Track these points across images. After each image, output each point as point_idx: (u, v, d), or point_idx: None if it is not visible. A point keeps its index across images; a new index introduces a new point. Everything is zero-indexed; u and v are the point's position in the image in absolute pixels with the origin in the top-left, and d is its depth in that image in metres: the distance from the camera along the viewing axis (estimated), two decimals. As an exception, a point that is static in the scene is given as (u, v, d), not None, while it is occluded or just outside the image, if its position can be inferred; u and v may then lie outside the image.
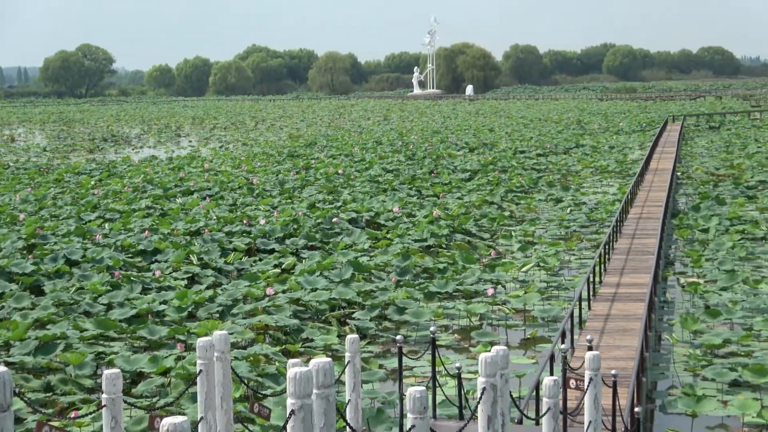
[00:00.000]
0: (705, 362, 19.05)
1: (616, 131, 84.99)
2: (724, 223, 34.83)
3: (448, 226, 33.91)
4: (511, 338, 21.75)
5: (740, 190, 44.62)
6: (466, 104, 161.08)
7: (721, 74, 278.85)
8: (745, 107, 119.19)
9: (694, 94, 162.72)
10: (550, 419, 10.56)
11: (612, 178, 52.48)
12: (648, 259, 25.86)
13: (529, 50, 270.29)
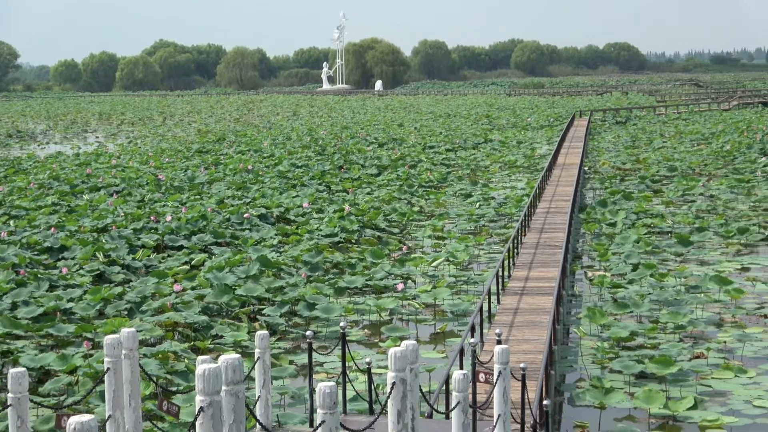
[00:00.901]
0: (612, 355, 19.29)
1: (524, 126, 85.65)
2: (630, 217, 35.28)
3: (358, 222, 33.93)
4: (420, 333, 21.82)
5: (646, 185, 45.23)
6: (375, 99, 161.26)
7: (627, 70, 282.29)
8: (650, 102, 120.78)
9: (601, 90, 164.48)
10: (460, 413, 10.59)
11: (520, 173, 52.89)
12: (556, 253, 26.11)
13: (437, 46, 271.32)
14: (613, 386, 16.88)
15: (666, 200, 40.42)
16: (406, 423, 9.90)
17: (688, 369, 18.25)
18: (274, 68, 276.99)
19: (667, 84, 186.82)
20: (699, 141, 66.38)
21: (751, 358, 19.30)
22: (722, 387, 17.53)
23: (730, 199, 40.38)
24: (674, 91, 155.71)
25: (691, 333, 21.11)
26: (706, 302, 23.54)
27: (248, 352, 19.22)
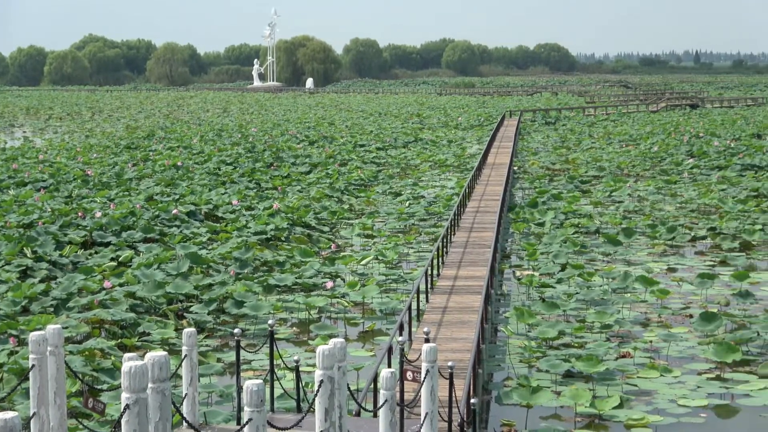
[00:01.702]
0: (540, 354, 19.41)
1: (455, 126, 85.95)
2: (559, 217, 35.54)
3: (288, 219, 33.85)
4: (349, 331, 21.82)
5: (575, 185, 45.58)
6: (306, 97, 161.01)
7: (557, 71, 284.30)
8: (580, 103, 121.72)
9: (531, 90, 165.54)
10: (387, 411, 10.61)
11: (450, 172, 53.07)
12: (485, 252, 26.23)
13: (369, 44, 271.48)
14: (540, 385, 16.98)
15: (594, 200, 40.76)
16: (334, 421, 9.91)
17: (615, 368, 18.43)
18: (204, 64, 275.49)
19: (597, 85, 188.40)
20: (627, 142, 66.98)
21: (676, 358, 19.52)
22: (648, 386, 17.71)
23: (658, 200, 40.80)
24: (603, 92, 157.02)
25: (618, 332, 21.31)
26: (633, 302, 23.78)
27: (176, 350, 19.11)
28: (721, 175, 47.85)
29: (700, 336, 20.83)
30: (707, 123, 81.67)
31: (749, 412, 16.52)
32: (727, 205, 37.63)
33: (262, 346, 14.63)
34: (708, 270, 27.36)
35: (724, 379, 18.10)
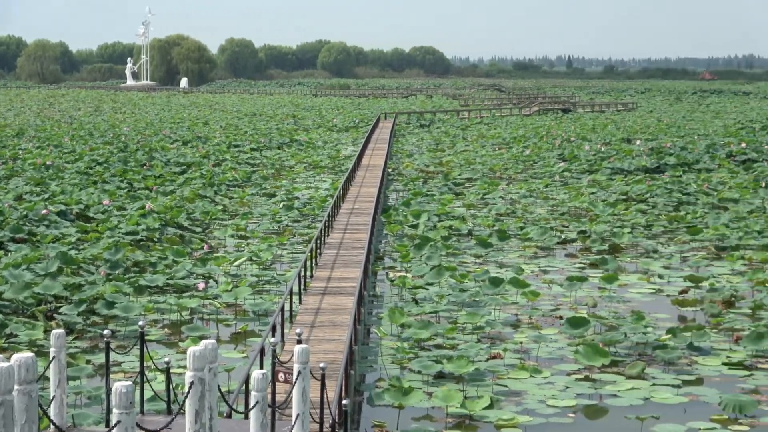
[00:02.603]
0: (412, 355, 19.52)
1: (330, 127, 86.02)
2: (432, 219, 35.77)
3: (160, 220, 33.51)
4: (222, 332, 21.69)
5: (448, 187, 45.94)
6: (180, 97, 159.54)
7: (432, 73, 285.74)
8: (454, 106, 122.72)
9: (406, 93, 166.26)
10: (259, 412, 10.57)
11: (325, 173, 53.10)
12: (359, 253, 26.30)
13: (244, 44, 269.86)
14: (412, 386, 17.07)
15: (467, 203, 41.14)
16: (204, 423, 9.84)
17: (485, 369, 18.62)
18: (77, 62, 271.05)
19: (471, 88, 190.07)
20: (500, 145, 67.77)
21: (545, 359, 19.80)
22: (518, 387, 17.93)
23: (529, 203, 41.33)
24: (477, 95, 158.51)
25: (489, 334, 21.54)
26: (504, 304, 24.06)
27: (44, 351, 18.79)
28: (591, 179, 48.68)
29: (569, 337, 21.15)
30: (579, 127, 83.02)
31: (617, 413, 16.83)
32: (597, 208, 38.29)
33: (132, 348, 14.48)
34: (578, 272, 27.80)
35: (592, 380, 18.41)
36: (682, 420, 16.41)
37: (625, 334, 20.80)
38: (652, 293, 25.83)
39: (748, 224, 34.54)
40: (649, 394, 17.60)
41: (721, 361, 19.59)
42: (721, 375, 18.83)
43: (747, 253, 30.55)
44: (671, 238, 33.53)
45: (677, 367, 19.28)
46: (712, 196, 41.97)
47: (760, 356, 19.92)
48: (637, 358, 19.86)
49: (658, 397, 17.46)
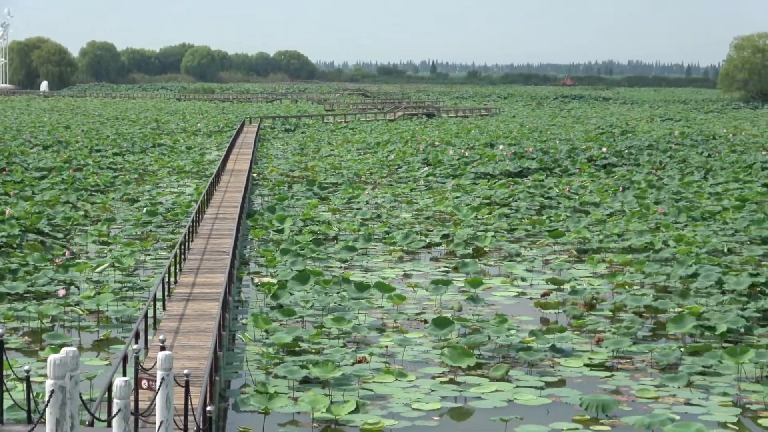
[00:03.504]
0: (277, 360, 19.44)
1: (194, 132, 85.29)
2: (298, 224, 35.71)
3: (20, 226, 32.83)
4: (84, 340, 21.34)
5: (314, 192, 45.91)
6: (40, 100, 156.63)
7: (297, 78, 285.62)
8: (319, 111, 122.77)
9: (271, 97, 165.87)
10: (121, 420, 10.42)
11: (189, 178, 52.66)
12: (223, 259, 26.12)
13: (106, 47, 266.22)
14: (278, 391, 17.02)
15: (333, 207, 41.18)
16: (65, 431, 9.66)
17: (351, 373, 18.64)
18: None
19: (336, 93, 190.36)
20: (365, 150, 67.99)
21: (411, 362, 19.89)
22: (383, 390, 17.99)
23: (394, 207, 41.52)
24: (342, 100, 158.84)
25: (355, 338, 21.57)
26: (369, 308, 24.12)
27: None
28: (455, 183, 49.11)
29: (434, 340, 21.30)
30: (443, 132, 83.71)
31: (481, 415, 16.99)
32: (461, 212, 38.64)
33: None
34: (442, 276, 28.01)
35: (457, 383, 18.55)
36: (545, 421, 16.63)
37: (489, 337, 21.02)
38: (515, 296, 26.16)
39: (608, 227, 35.21)
40: (512, 396, 17.81)
41: (582, 363, 19.91)
42: (583, 376, 19.14)
43: (607, 255, 31.13)
44: (534, 242, 34.02)
45: (540, 368, 19.55)
46: (574, 200, 42.71)
47: (620, 357, 20.30)
48: (500, 360, 20.08)
49: (521, 399, 17.67)
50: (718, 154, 62.14)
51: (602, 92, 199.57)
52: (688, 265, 27.60)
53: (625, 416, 16.73)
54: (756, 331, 21.97)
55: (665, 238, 32.75)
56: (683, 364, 19.60)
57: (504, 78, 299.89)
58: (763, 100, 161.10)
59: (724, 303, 24.44)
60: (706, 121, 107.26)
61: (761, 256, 30.84)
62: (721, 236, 33.68)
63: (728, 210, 38.99)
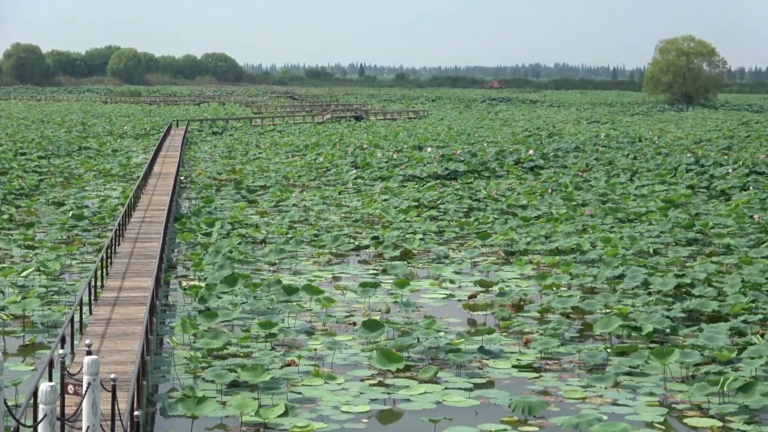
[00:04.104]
0: (205, 364, 19.34)
1: (121, 135, 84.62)
2: (226, 227, 35.55)
3: (-57, 230, 32.37)
4: (9, 345, 21.09)
5: (242, 195, 45.73)
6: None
7: (224, 80, 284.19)
8: (247, 113, 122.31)
9: (199, 100, 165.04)
10: (47, 426, 10.31)
11: (115, 181, 52.23)
12: (150, 262, 25.93)
13: (31, 50, 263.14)
14: (206, 395, 16.92)
15: (261, 210, 41.04)
16: (-11, 439, 9.53)
17: (280, 377, 18.58)
18: None
19: (264, 96, 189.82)
20: (293, 153, 67.84)
21: (340, 365, 19.89)
22: (312, 393, 17.96)
23: (323, 210, 41.48)
24: (270, 103, 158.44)
25: (283, 341, 21.51)
26: (298, 311, 24.06)
27: None
28: (384, 186, 49.17)
29: (363, 343, 21.31)
30: (371, 135, 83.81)
31: (410, 417, 17.03)
32: (389, 215, 38.71)
33: None
34: (371, 278, 28.03)
35: (386, 385, 18.57)
36: (473, 422, 16.71)
37: (417, 339, 21.07)
38: (443, 298, 26.24)
39: (535, 229, 35.44)
40: (441, 398, 17.87)
41: (511, 364, 20.02)
42: (511, 377, 19.24)
43: (535, 257, 31.32)
44: (462, 244, 34.14)
45: (469, 370, 19.62)
46: (501, 202, 42.94)
47: (548, 358, 20.44)
48: (429, 362, 20.13)
49: (450, 401, 17.73)
50: (643, 156, 62.79)
51: (529, 95, 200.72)
52: (615, 267, 27.86)
53: (552, 417, 16.85)
54: (681, 331, 22.24)
55: (592, 240, 33.04)
56: (610, 364, 19.79)
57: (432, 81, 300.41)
58: (688, 102, 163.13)
59: (650, 304, 24.71)
60: (632, 123, 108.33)
61: (686, 257, 31.22)
62: (647, 238, 34.03)
63: (654, 212, 39.44)
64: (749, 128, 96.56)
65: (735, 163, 55.67)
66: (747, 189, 48.08)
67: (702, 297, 24.72)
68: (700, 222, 36.38)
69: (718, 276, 27.64)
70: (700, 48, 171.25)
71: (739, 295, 24.69)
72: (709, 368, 18.94)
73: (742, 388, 17.42)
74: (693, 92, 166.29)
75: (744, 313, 23.38)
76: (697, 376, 19.04)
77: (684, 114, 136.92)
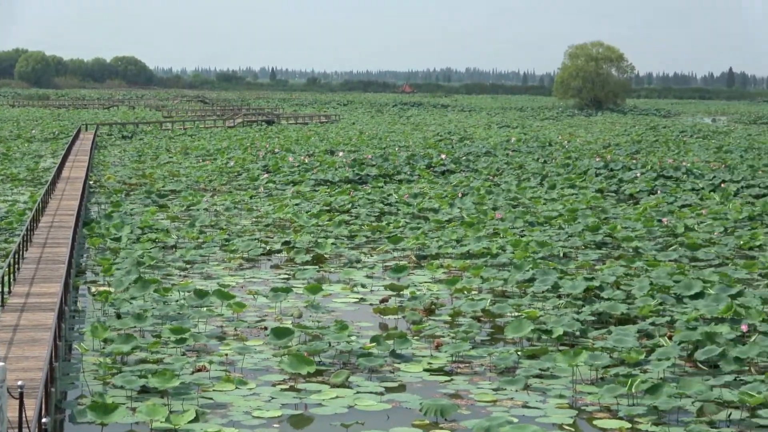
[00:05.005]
0: (115, 370, 19.15)
1: (29, 139, 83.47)
2: (135, 232, 35.21)
3: None
4: None
5: (152, 199, 45.34)
6: None
7: (134, 84, 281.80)
8: (157, 118, 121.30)
9: (108, 103, 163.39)
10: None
11: (23, 186, 51.51)
12: (59, 268, 25.61)
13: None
14: (116, 402, 16.74)
15: (171, 215, 40.71)
16: None
17: (191, 382, 18.47)
18: None
19: (174, 100, 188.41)
20: (204, 157, 67.44)
21: (251, 370, 19.81)
22: (223, 399, 17.87)
23: (234, 215, 41.27)
24: (181, 107, 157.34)
25: (194, 347, 21.36)
26: (209, 316, 23.92)
27: None
28: (295, 190, 49.08)
29: (274, 348, 21.24)
30: (283, 139, 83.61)
31: (322, 421, 17.02)
32: (301, 219, 38.62)
33: None
34: (282, 283, 27.95)
35: (297, 390, 18.54)
36: (385, 426, 16.74)
37: (329, 343, 21.05)
38: (355, 302, 26.25)
39: (446, 233, 35.58)
40: (353, 402, 17.87)
41: (422, 368, 20.09)
42: (423, 381, 19.31)
43: (446, 261, 31.47)
44: (374, 248, 34.18)
45: (380, 374, 19.65)
46: (413, 207, 43.06)
47: (459, 361, 20.54)
48: (341, 366, 20.13)
49: (362, 405, 17.75)
50: (553, 160, 63.42)
51: (441, 99, 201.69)
52: (525, 270, 28.07)
53: (464, 420, 16.94)
54: (590, 333, 22.48)
55: (503, 244, 33.26)
56: (520, 367, 19.94)
57: (344, 85, 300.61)
58: (597, 107, 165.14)
59: (560, 307, 24.95)
60: (542, 128, 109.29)
61: (595, 260, 31.59)
62: (556, 241, 34.34)
63: (563, 215, 39.82)
64: (657, 133, 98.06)
65: (643, 167, 56.48)
66: (655, 193, 48.86)
67: (611, 300, 25.04)
68: (609, 225, 36.83)
69: (626, 279, 27.98)
70: (609, 53, 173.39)
71: (647, 297, 25.04)
72: (618, 370, 19.19)
73: (650, 389, 17.66)
74: (602, 97, 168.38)
75: (652, 315, 23.71)
76: (606, 378, 19.27)
77: (593, 118, 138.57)
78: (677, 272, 27.96)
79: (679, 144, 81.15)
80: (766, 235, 36.12)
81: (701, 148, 76.33)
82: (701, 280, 26.13)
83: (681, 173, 54.47)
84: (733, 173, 53.83)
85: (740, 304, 23.70)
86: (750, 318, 22.69)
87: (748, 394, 17.19)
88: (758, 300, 24.47)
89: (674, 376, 19.42)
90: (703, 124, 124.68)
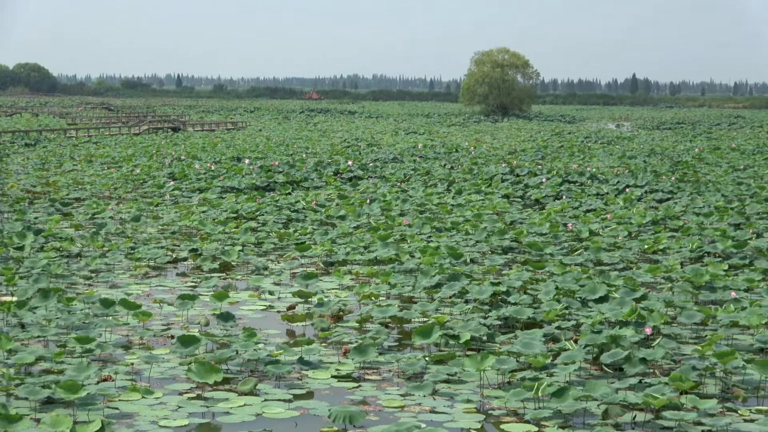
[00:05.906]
0: (18, 381, 18.86)
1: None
2: (39, 240, 34.73)
3: None
4: None
5: (56, 208, 44.77)
6: None
7: (37, 91, 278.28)
8: (62, 125, 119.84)
9: (11, 111, 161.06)
10: None
11: (-77, 194, 50.57)
12: (-40, 278, 25.15)
13: None
14: (20, 413, 16.49)
15: (75, 223, 40.23)
16: None
17: (96, 392, 18.24)
18: None
19: (79, 107, 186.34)
20: (109, 164, 66.76)
21: (157, 379, 19.63)
22: (130, 408, 17.69)
23: (140, 223, 40.88)
24: (86, 114, 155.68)
25: (99, 356, 21.12)
26: (115, 325, 23.66)
27: None
28: (202, 198, 48.76)
29: (181, 356, 21.07)
30: (189, 146, 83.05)
31: (229, 429, 16.94)
32: (207, 226, 38.38)
33: None
34: (189, 291, 27.76)
35: (205, 398, 18.42)
36: (293, 433, 16.70)
37: (236, 352, 20.93)
38: (263, 310, 26.15)
39: (354, 240, 35.59)
40: (261, 410, 17.80)
41: (330, 374, 20.07)
42: (331, 387, 19.29)
43: (354, 267, 31.48)
44: (281, 255, 34.09)
45: (288, 381, 19.60)
46: (320, 213, 43.02)
47: (367, 368, 20.55)
48: (248, 374, 20.03)
49: (270, 412, 17.68)
50: (460, 166, 63.77)
51: (348, 106, 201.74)
52: (432, 276, 28.18)
53: (372, 426, 16.95)
54: (498, 338, 22.61)
55: (410, 250, 33.36)
56: (428, 372, 20.00)
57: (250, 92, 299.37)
58: (503, 113, 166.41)
59: (467, 312, 25.07)
60: (449, 134, 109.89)
61: (502, 266, 31.80)
62: (463, 247, 34.51)
63: (470, 221, 40.04)
64: (562, 138, 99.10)
65: (549, 173, 57.00)
66: (560, 198, 49.37)
67: (517, 304, 25.20)
68: (515, 230, 37.10)
69: (532, 283, 28.21)
70: (515, 60, 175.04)
71: (553, 302, 25.24)
72: (525, 374, 19.31)
73: (556, 393, 17.83)
74: (508, 103, 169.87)
75: (558, 319, 23.92)
76: (513, 382, 19.40)
77: (499, 125, 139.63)
78: (583, 276, 28.25)
79: (583, 149, 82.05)
80: (670, 239, 36.64)
81: (605, 153, 77.23)
82: (606, 284, 26.42)
83: (586, 178, 55.09)
84: (636, 178, 54.45)
85: (644, 307, 24.00)
86: (653, 321, 22.99)
87: (652, 396, 17.40)
88: (662, 303, 24.81)
89: (580, 380, 19.63)
90: (608, 130, 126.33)
